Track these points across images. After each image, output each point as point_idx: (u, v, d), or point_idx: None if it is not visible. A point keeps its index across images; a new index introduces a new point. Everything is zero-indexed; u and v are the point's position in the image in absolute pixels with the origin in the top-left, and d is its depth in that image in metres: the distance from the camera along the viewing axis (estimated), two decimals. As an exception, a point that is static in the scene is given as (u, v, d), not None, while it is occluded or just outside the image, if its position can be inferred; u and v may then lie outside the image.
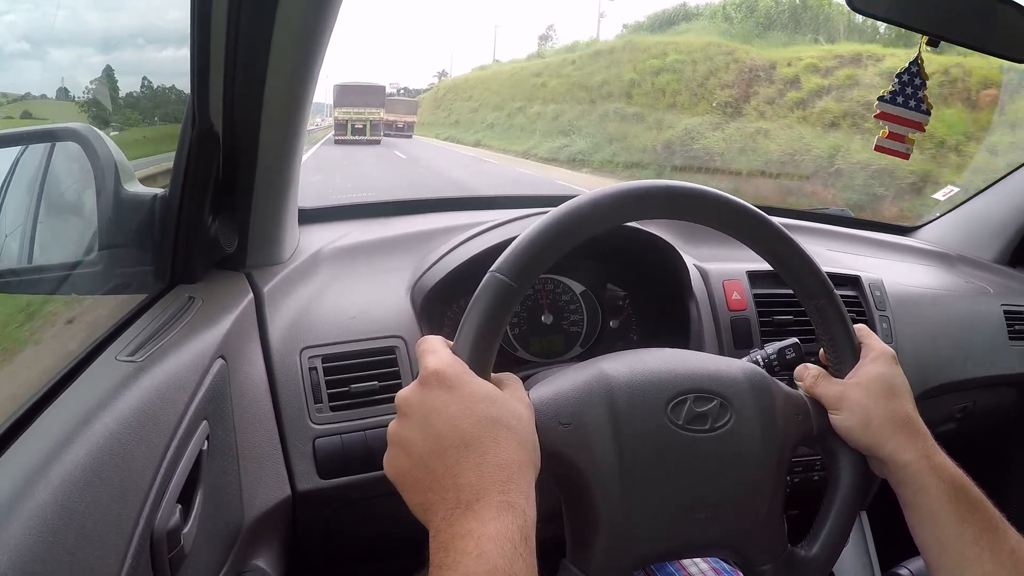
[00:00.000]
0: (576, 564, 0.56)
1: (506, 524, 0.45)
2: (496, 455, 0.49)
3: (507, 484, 0.48)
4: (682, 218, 0.63)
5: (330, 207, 1.27)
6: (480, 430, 0.50)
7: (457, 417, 0.50)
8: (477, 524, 0.45)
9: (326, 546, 0.93)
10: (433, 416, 0.50)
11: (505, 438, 0.50)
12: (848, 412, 0.63)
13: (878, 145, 1.02)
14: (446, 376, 0.51)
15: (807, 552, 0.63)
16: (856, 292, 1.24)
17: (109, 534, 0.47)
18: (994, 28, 0.94)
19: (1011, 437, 1.59)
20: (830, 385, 0.65)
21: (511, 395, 0.54)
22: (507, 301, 0.55)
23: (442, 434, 0.49)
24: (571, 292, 1.16)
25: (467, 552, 0.44)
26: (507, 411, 0.52)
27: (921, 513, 0.60)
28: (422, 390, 0.52)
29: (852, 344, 0.66)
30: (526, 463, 0.50)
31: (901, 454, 0.61)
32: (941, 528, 0.59)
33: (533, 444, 0.53)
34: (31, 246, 0.88)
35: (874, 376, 0.64)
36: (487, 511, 0.46)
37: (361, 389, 0.87)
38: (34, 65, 0.93)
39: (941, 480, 0.60)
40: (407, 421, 0.52)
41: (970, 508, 0.59)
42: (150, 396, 0.57)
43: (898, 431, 0.61)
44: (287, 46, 0.73)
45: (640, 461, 0.57)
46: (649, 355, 0.64)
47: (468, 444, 0.49)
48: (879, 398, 0.62)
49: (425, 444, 0.50)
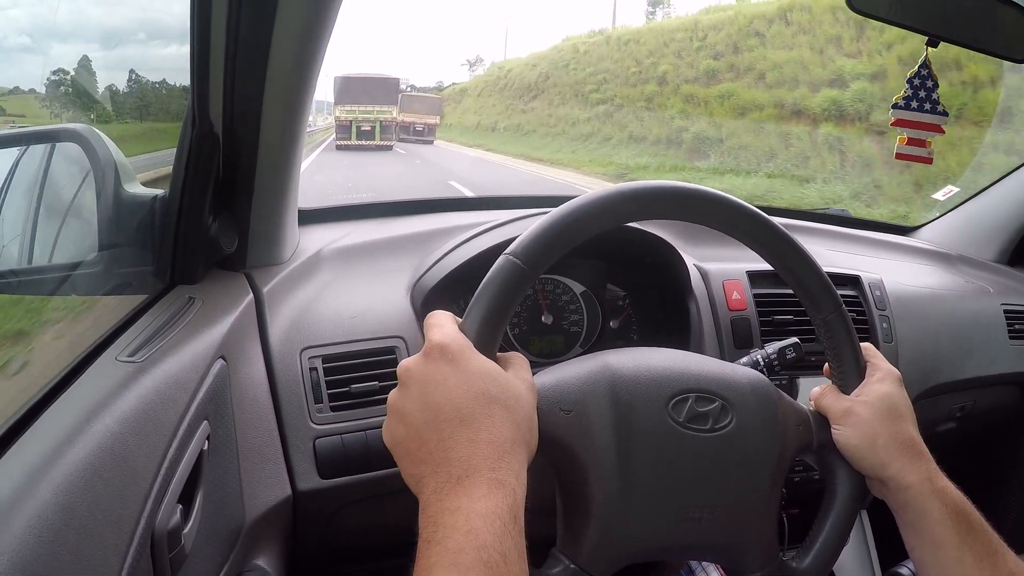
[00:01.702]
0: (565, 553, 0.56)
1: (496, 502, 0.45)
2: (489, 432, 0.49)
3: (498, 462, 0.48)
4: (689, 220, 0.63)
5: (330, 207, 1.27)
6: (476, 406, 0.50)
7: (455, 391, 0.50)
8: (467, 500, 0.45)
9: (326, 546, 0.93)
10: (432, 388, 0.51)
11: (500, 416, 0.50)
12: (853, 429, 0.63)
13: (899, 153, 1.01)
14: (449, 350, 0.52)
15: (799, 564, 0.63)
16: (856, 292, 1.24)
17: (110, 534, 0.47)
18: (994, 28, 0.94)
19: (1012, 436, 1.59)
20: (837, 399, 0.65)
21: (514, 375, 0.55)
22: (519, 284, 0.55)
23: (439, 406, 0.50)
24: (571, 292, 1.16)
25: (456, 527, 0.44)
26: (506, 390, 0.52)
27: (922, 536, 0.61)
28: (424, 361, 0.52)
29: (857, 360, 0.66)
30: (519, 442, 0.50)
31: (905, 476, 0.61)
32: (942, 551, 0.59)
33: (530, 426, 0.53)
34: (31, 247, 0.88)
35: (881, 396, 0.64)
36: (477, 487, 0.46)
37: (361, 389, 0.87)
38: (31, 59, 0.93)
39: (944, 504, 0.60)
40: (406, 391, 0.52)
41: (971, 531, 0.59)
42: (151, 396, 0.57)
43: (902, 453, 0.62)
44: (287, 46, 0.73)
45: (638, 454, 0.57)
46: (655, 352, 0.64)
47: (463, 419, 0.49)
48: (885, 418, 0.63)
49: (422, 415, 0.50)
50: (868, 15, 0.92)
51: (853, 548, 1.28)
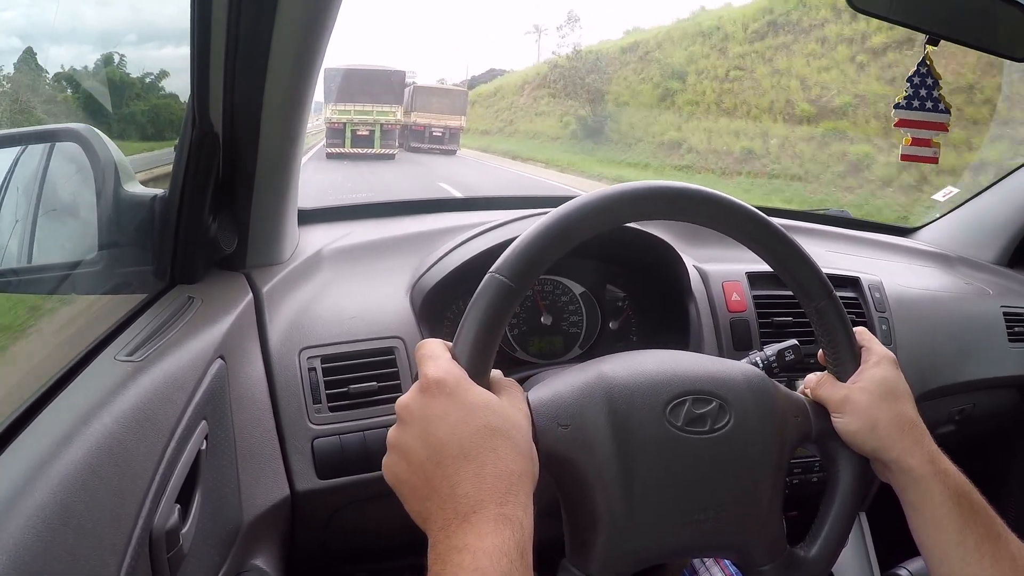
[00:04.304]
0: (575, 564, 0.56)
1: (503, 538, 0.45)
2: (495, 466, 0.49)
3: (505, 496, 0.47)
4: (680, 219, 0.63)
5: (330, 207, 1.27)
6: (479, 440, 0.49)
7: (457, 426, 0.50)
8: (474, 538, 0.45)
9: (324, 546, 0.93)
10: (433, 424, 0.50)
11: (504, 448, 0.50)
12: (852, 415, 0.63)
13: (904, 154, 1.00)
14: (446, 384, 0.51)
15: (806, 552, 0.63)
16: (855, 293, 1.24)
17: (108, 533, 0.47)
18: (994, 27, 0.94)
19: (1011, 439, 1.59)
20: (834, 388, 0.65)
21: (509, 403, 0.54)
22: (506, 302, 0.55)
23: (441, 442, 0.49)
24: (570, 293, 1.16)
25: (463, 566, 0.44)
26: (506, 420, 0.52)
27: (925, 517, 0.61)
28: (422, 397, 0.52)
29: (852, 346, 0.66)
30: (525, 474, 0.50)
31: (907, 458, 0.61)
32: (944, 533, 0.59)
33: (531, 454, 0.53)
34: (31, 246, 0.88)
35: (878, 380, 0.64)
36: (484, 524, 0.46)
37: (360, 390, 0.87)
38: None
39: (946, 486, 0.60)
40: (407, 428, 0.52)
41: (973, 514, 0.59)
42: (149, 396, 0.57)
43: (904, 435, 0.62)
44: (287, 46, 0.73)
45: (639, 462, 0.57)
46: (648, 356, 0.64)
47: (467, 454, 0.49)
48: (883, 402, 0.63)
49: (424, 452, 0.50)
50: (869, 13, 0.92)
51: (852, 549, 1.28)
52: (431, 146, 17.01)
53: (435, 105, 17.36)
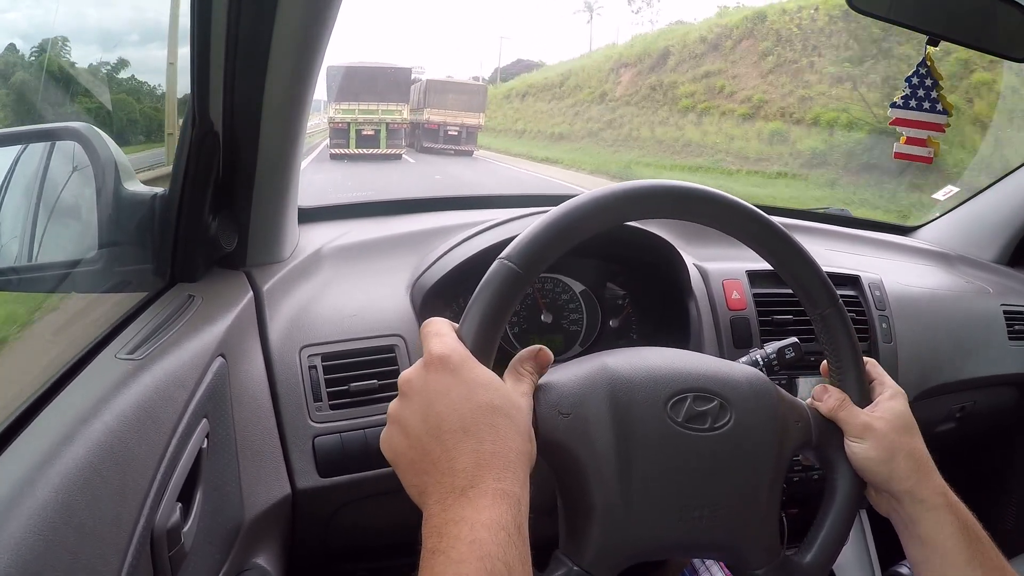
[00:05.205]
0: (568, 555, 0.56)
1: (501, 512, 0.45)
2: (493, 443, 0.49)
3: (503, 472, 0.48)
4: (686, 219, 0.63)
5: (330, 206, 1.27)
6: (479, 416, 0.50)
7: (458, 402, 0.50)
8: (472, 511, 0.45)
9: (326, 544, 0.93)
10: (434, 399, 0.51)
11: (503, 426, 0.50)
12: (872, 443, 0.63)
13: (897, 152, 1.01)
14: (450, 360, 0.52)
15: (801, 559, 0.63)
16: (856, 292, 1.24)
17: (109, 532, 0.47)
18: (994, 28, 0.94)
19: (1011, 437, 1.59)
20: (855, 413, 0.65)
21: (512, 385, 0.55)
22: (514, 288, 0.55)
23: (442, 417, 0.50)
24: (571, 291, 1.16)
25: (460, 538, 0.44)
26: (507, 400, 0.52)
27: (933, 549, 0.61)
28: (426, 372, 0.52)
29: (855, 356, 0.66)
30: (523, 453, 0.51)
31: (921, 489, 0.62)
32: (951, 566, 0.60)
33: (530, 435, 0.53)
34: (31, 244, 0.88)
35: (898, 413, 0.65)
36: (482, 498, 0.46)
37: (360, 388, 0.87)
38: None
39: (956, 518, 0.61)
40: (408, 402, 0.52)
41: (980, 547, 0.60)
42: (150, 394, 0.57)
43: (918, 467, 0.63)
44: (287, 46, 0.73)
45: (638, 455, 0.57)
46: (652, 352, 0.64)
47: (467, 429, 0.49)
48: (902, 435, 0.64)
49: (424, 426, 0.50)
50: (869, 14, 0.92)
51: (853, 548, 1.28)
52: (445, 146, 15.72)
53: (451, 101, 15.96)
